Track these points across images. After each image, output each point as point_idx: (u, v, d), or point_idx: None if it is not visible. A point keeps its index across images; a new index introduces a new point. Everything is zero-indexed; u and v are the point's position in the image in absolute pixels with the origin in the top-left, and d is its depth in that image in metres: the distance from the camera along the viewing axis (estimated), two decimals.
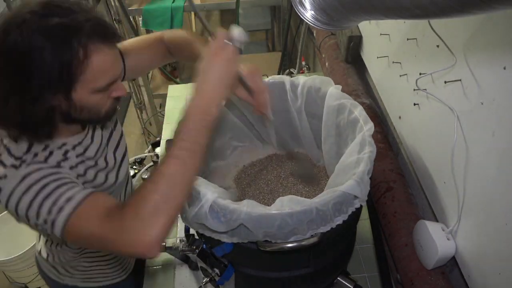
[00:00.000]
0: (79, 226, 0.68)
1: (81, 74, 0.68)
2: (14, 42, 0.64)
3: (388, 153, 1.13)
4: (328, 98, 0.99)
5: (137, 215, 0.63)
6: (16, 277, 2.01)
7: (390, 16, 0.59)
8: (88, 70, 0.68)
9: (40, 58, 0.64)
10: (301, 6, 0.80)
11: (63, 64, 0.66)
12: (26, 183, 0.70)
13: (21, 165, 0.72)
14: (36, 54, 0.64)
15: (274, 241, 0.74)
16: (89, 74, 0.69)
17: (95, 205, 0.70)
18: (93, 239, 0.68)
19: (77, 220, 0.68)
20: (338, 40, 1.63)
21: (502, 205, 0.67)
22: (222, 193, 0.79)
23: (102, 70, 0.71)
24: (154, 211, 0.63)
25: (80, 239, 0.71)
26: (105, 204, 0.70)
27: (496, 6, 0.41)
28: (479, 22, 0.70)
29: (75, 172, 0.81)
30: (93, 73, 0.69)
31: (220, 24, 4.36)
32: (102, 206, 0.69)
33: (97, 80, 0.71)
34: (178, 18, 2.34)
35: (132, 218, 0.64)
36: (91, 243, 0.70)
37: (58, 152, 0.78)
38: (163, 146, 1.54)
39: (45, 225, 0.69)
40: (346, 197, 0.75)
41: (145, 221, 0.63)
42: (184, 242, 1.01)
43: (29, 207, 0.69)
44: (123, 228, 0.64)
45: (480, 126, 0.72)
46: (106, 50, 0.70)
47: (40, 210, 0.69)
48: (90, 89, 0.71)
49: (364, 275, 1.08)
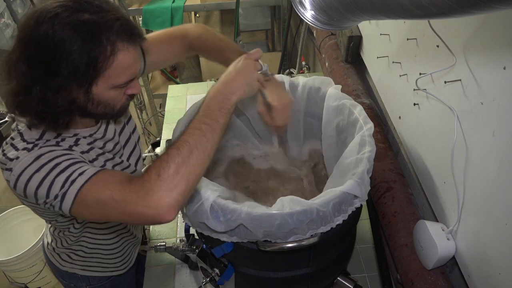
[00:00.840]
0: (94, 192, 0.70)
1: (105, 70, 0.71)
2: (45, 33, 0.67)
3: (388, 153, 1.13)
4: (328, 98, 0.99)
5: (159, 177, 0.67)
6: (16, 277, 2.01)
7: (390, 16, 0.59)
8: (113, 66, 0.71)
9: (69, 51, 0.67)
10: (301, 6, 0.80)
11: (90, 58, 0.68)
12: (37, 163, 0.72)
13: (33, 148, 0.75)
14: (66, 46, 0.67)
15: (274, 241, 0.74)
16: (113, 70, 0.72)
17: (112, 174, 0.73)
18: (110, 204, 0.69)
19: (92, 187, 0.70)
20: (338, 40, 1.63)
21: (502, 205, 0.67)
22: (223, 192, 0.79)
23: (125, 67, 0.74)
24: (175, 174, 0.67)
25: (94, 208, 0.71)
26: (122, 173, 0.74)
27: (496, 6, 0.41)
28: (479, 22, 0.70)
29: (86, 157, 0.83)
30: (116, 70, 0.72)
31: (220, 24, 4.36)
32: (120, 174, 0.73)
33: (118, 77, 0.74)
34: (178, 18, 2.34)
35: (154, 179, 0.67)
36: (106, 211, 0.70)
37: (69, 139, 0.81)
38: (163, 146, 1.54)
39: (54, 201, 0.71)
40: (346, 197, 0.75)
41: (167, 182, 0.66)
42: (184, 242, 1.01)
43: (40, 185, 0.71)
44: (145, 189, 0.67)
45: (480, 126, 0.72)
46: (131, 49, 0.74)
47: (51, 187, 0.71)
48: (110, 85, 0.74)
49: (364, 275, 1.08)
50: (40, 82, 0.70)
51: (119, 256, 1.12)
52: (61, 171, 0.72)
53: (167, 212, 0.66)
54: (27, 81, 0.70)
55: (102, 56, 0.69)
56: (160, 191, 0.66)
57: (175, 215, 0.68)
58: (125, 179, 0.70)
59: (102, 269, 1.11)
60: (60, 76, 0.69)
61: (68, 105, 0.74)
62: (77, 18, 0.68)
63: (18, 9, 3.35)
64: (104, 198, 0.69)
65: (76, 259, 1.06)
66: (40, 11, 0.68)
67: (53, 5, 0.69)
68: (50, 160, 0.73)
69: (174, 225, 1.22)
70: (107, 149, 0.91)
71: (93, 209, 0.71)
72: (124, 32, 0.72)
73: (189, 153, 0.69)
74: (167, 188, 0.66)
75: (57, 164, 0.72)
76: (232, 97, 0.77)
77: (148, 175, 0.68)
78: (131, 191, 0.67)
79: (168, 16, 2.32)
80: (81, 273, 1.10)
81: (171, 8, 2.31)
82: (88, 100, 0.75)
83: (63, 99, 0.72)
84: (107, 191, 0.69)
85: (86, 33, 0.68)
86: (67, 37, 0.67)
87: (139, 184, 0.68)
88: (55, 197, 0.71)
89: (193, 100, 1.31)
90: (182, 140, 0.71)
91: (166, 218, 0.67)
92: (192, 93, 1.78)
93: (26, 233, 2.09)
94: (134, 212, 0.67)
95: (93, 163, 0.86)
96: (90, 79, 0.71)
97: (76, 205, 0.71)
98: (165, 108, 1.71)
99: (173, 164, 0.68)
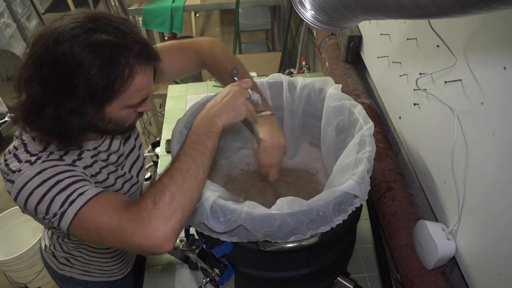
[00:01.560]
0: (92, 217, 0.69)
1: (123, 93, 0.71)
2: (63, 54, 0.66)
3: (388, 153, 1.13)
4: (328, 98, 0.99)
5: (155, 205, 0.65)
6: (16, 277, 2.01)
7: (390, 16, 0.59)
8: (130, 89, 0.71)
9: (87, 73, 0.66)
10: (301, 6, 0.80)
11: (108, 81, 0.68)
12: (39, 178, 0.71)
13: (36, 161, 0.74)
14: (84, 68, 0.66)
15: (274, 241, 0.74)
16: (129, 92, 0.72)
17: (110, 199, 0.72)
18: (106, 230, 0.68)
19: (91, 211, 0.69)
20: (338, 40, 1.63)
21: (502, 205, 0.67)
22: (223, 193, 0.79)
23: (140, 89, 0.74)
24: (171, 202, 0.66)
25: (90, 231, 0.71)
26: (120, 198, 0.72)
27: (496, 6, 0.41)
28: (479, 22, 0.70)
29: (89, 172, 0.83)
30: (132, 92, 0.72)
31: (220, 24, 4.36)
32: (117, 200, 0.71)
33: (132, 98, 0.74)
34: (178, 18, 2.34)
35: (150, 208, 0.65)
36: (102, 236, 0.69)
37: (73, 152, 0.81)
38: (163, 146, 1.54)
39: (53, 219, 0.70)
40: (346, 196, 0.75)
41: (163, 211, 0.65)
42: (184, 242, 1.01)
43: (40, 202, 0.70)
44: (141, 218, 0.65)
45: (480, 126, 0.72)
46: (147, 72, 0.74)
47: (51, 204, 0.70)
48: (123, 105, 0.74)
49: (364, 275, 1.08)
50: (55, 103, 0.69)
51: (118, 262, 1.12)
52: (61, 189, 0.71)
53: (164, 242, 0.65)
54: (41, 100, 0.69)
55: (120, 79, 0.69)
56: (157, 220, 0.64)
57: (173, 244, 0.66)
58: (122, 206, 0.68)
59: (100, 274, 1.11)
60: (76, 98, 0.68)
61: (82, 126, 0.73)
62: (96, 39, 0.67)
63: (18, 9, 3.35)
64: (101, 224, 0.68)
65: (75, 263, 1.06)
66: (58, 31, 0.67)
67: (71, 25, 0.67)
68: (52, 176, 0.72)
69: None
70: (111, 161, 0.90)
71: (90, 232, 0.70)
72: (142, 55, 0.71)
73: (182, 180, 0.68)
74: (163, 217, 0.64)
75: (58, 181, 0.71)
76: (217, 121, 0.76)
77: (144, 203, 0.66)
78: (128, 220, 0.66)
79: (168, 16, 2.32)
80: (79, 277, 1.09)
81: (171, 8, 2.31)
82: (99, 119, 0.74)
83: (78, 121, 0.72)
84: (104, 217, 0.68)
85: (105, 55, 0.67)
86: (86, 59, 0.66)
87: (136, 212, 0.66)
88: (53, 215, 0.70)
89: (193, 100, 1.31)
90: (174, 167, 0.69)
91: (163, 248, 0.65)
92: (192, 93, 1.78)
93: (25, 233, 2.09)
94: (130, 242, 0.66)
95: (96, 177, 0.85)
96: (106, 101, 0.71)
97: (74, 226, 0.70)
98: (165, 108, 1.71)
99: (168, 192, 0.66)
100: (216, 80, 1.05)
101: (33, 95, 0.69)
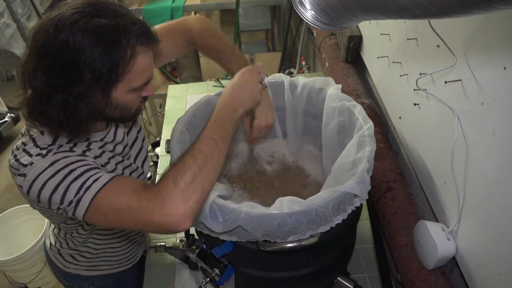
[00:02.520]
0: (110, 200, 0.70)
1: (126, 74, 0.72)
2: (66, 41, 0.66)
3: (388, 153, 1.13)
4: (328, 99, 0.99)
5: (176, 185, 0.67)
6: (16, 277, 2.01)
7: (390, 16, 0.59)
8: (133, 70, 0.72)
9: (91, 57, 0.67)
10: (301, 6, 0.80)
11: (112, 63, 0.69)
12: (52, 169, 0.72)
13: (48, 154, 0.75)
14: (87, 52, 0.67)
15: (274, 241, 0.74)
16: (132, 74, 0.72)
17: (126, 182, 0.73)
18: (125, 211, 0.68)
19: (108, 195, 0.70)
20: (338, 40, 1.63)
21: (502, 205, 0.67)
22: (223, 189, 0.79)
23: (142, 70, 0.74)
24: (192, 182, 0.68)
25: (108, 215, 0.71)
26: (136, 181, 0.74)
27: (496, 6, 0.41)
28: (479, 22, 0.70)
29: (99, 162, 0.83)
30: (135, 73, 0.73)
31: (220, 24, 4.36)
32: (134, 182, 0.73)
33: (136, 80, 0.74)
34: (178, 18, 2.34)
35: (171, 187, 0.67)
36: (121, 218, 0.70)
37: (82, 143, 0.81)
38: (163, 146, 1.53)
39: (68, 207, 0.71)
40: (346, 196, 0.75)
41: (184, 191, 0.67)
42: (184, 242, 1.01)
43: (54, 191, 0.71)
44: (161, 197, 0.66)
45: (480, 126, 0.72)
46: (148, 52, 0.75)
47: (66, 193, 0.71)
48: (128, 89, 0.75)
49: (364, 275, 1.08)
50: (62, 90, 0.69)
51: (126, 253, 1.12)
52: (76, 177, 0.71)
53: (183, 220, 0.66)
54: (47, 90, 0.70)
55: (123, 60, 0.70)
56: (177, 200, 0.66)
57: (191, 224, 0.68)
58: (140, 187, 0.70)
59: (107, 267, 1.11)
60: (82, 82, 0.68)
61: (90, 111, 0.74)
62: (95, 23, 0.67)
63: (18, 9, 3.35)
64: (120, 205, 0.69)
65: (81, 260, 1.06)
66: (58, 18, 0.68)
67: (69, 11, 0.68)
68: (65, 166, 0.73)
69: None
70: (117, 152, 0.91)
71: (108, 217, 0.71)
72: (142, 36, 0.72)
73: (205, 162, 0.70)
74: (183, 196, 0.66)
75: (72, 170, 0.72)
76: (239, 109, 0.81)
77: (164, 183, 0.68)
78: (147, 199, 0.67)
79: (168, 16, 2.33)
80: (84, 274, 1.09)
81: (171, 8, 2.31)
82: (106, 104, 0.75)
83: (86, 106, 0.72)
84: (122, 199, 0.69)
85: (107, 38, 0.68)
86: (88, 43, 0.66)
87: (155, 192, 0.67)
88: (69, 203, 0.71)
89: (193, 100, 1.31)
90: (196, 149, 0.72)
91: (182, 226, 0.67)
92: (192, 93, 1.78)
93: (26, 233, 2.09)
94: (150, 221, 0.67)
95: (106, 166, 0.86)
96: (112, 84, 0.71)
97: (91, 212, 0.71)
98: (165, 108, 1.71)
99: (190, 173, 0.68)
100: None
101: (39, 87, 0.70)
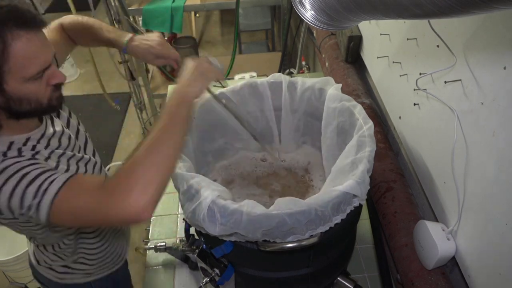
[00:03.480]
0: (69, 200, 0.68)
1: (4, 64, 0.66)
2: None
3: (388, 153, 1.13)
4: (328, 99, 0.99)
5: (132, 175, 0.66)
6: (16, 277, 2.01)
7: (390, 16, 0.59)
8: (11, 58, 0.66)
9: None
10: (301, 6, 0.80)
11: None
12: (3, 176, 0.70)
13: None
14: None
15: (273, 241, 0.74)
16: (13, 62, 0.67)
17: (83, 181, 0.71)
18: (85, 210, 0.68)
19: (66, 195, 0.69)
20: (338, 40, 1.63)
21: (502, 205, 0.67)
22: (223, 192, 0.79)
23: (28, 57, 0.69)
24: (147, 171, 0.66)
25: (69, 214, 0.70)
26: (92, 178, 0.72)
27: (496, 6, 0.41)
28: (479, 22, 0.70)
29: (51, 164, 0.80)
30: (18, 61, 0.67)
31: (220, 24, 4.36)
32: (90, 180, 0.71)
33: (25, 68, 0.69)
34: (178, 18, 2.33)
35: (127, 179, 0.65)
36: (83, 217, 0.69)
37: (26, 148, 0.78)
38: None
39: (30, 212, 0.69)
40: (345, 196, 0.75)
41: (140, 181, 0.65)
42: (184, 242, 1.01)
43: (11, 197, 0.69)
44: (119, 191, 0.65)
45: (480, 126, 0.72)
46: (28, 36, 0.68)
47: (23, 197, 0.69)
48: (21, 79, 0.70)
49: (364, 275, 1.07)
50: None
51: (116, 248, 1.12)
52: (30, 181, 0.69)
53: (144, 210, 0.65)
54: None
55: None
56: (135, 190, 0.64)
57: (152, 212, 0.67)
58: (97, 184, 0.69)
59: (103, 269, 1.10)
60: None
61: None
62: None
63: None
64: (80, 204, 0.68)
65: (76, 268, 1.05)
66: None
67: None
68: (17, 170, 0.70)
69: (174, 225, 1.22)
70: (64, 145, 0.88)
71: (70, 217, 0.70)
72: (12, 20, 0.66)
73: (157, 150, 0.68)
74: (141, 186, 0.65)
75: (25, 174, 0.70)
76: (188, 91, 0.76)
77: (120, 176, 0.66)
78: (106, 195, 0.66)
79: (168, 16, 2.32)
80: (82, 281, 1.08)
81: (171, 8, 2.30)
82: (8, 100, 0.70)
83: None
84: (82, 198, 0.68)
85: None
86: None
87: (112, 186, 0.66)
88: (28, 208, 0.69)
89: None
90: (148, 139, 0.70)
91: (143, 216, 0.65)
92: None
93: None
94: (111, 216, 0.66)
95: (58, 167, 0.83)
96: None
97: (53, 214, 0.69)
98: None
99: (143, 163, 0.67)
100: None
101: None
